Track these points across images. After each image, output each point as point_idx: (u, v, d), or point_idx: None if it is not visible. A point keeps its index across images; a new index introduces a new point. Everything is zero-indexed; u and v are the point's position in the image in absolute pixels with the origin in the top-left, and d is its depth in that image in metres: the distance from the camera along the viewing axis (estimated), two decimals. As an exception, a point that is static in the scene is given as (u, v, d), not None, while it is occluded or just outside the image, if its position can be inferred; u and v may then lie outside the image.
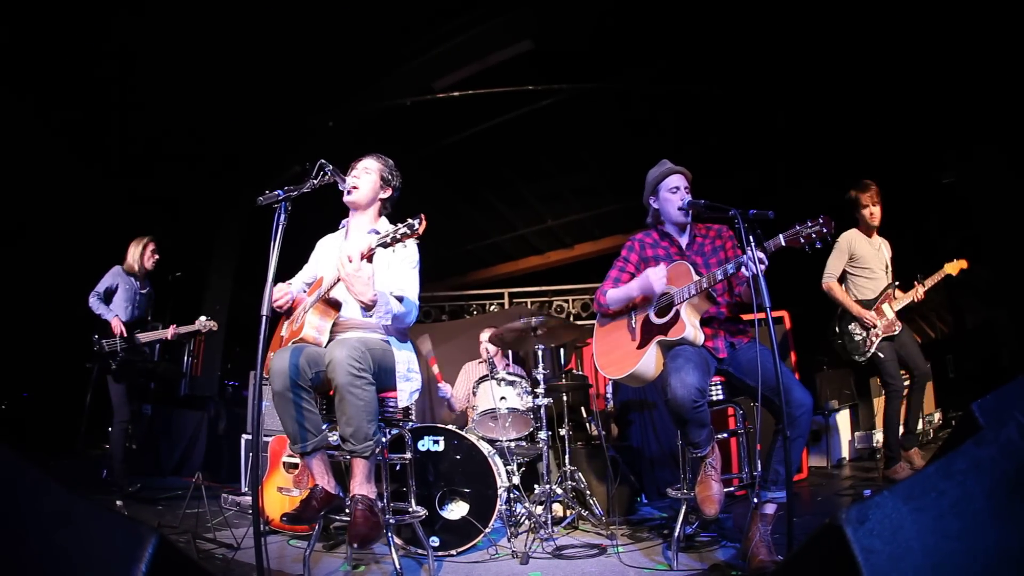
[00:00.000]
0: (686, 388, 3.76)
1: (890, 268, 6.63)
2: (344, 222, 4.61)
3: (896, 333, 6.41)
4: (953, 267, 6.54)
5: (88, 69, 8.38)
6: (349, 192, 4.31)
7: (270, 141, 10.39)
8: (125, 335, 7.18)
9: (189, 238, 11.01)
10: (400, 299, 4.10)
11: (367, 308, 3.82)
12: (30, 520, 1.88)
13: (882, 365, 6.41)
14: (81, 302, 7.31)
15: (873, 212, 6.59)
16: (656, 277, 4.25)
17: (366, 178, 4.40)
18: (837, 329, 6.67)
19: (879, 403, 8.56)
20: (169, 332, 7.24)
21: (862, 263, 6.61)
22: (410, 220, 3.55)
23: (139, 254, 7.55)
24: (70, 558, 1.84)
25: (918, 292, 6.46)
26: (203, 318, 7.17)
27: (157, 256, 7.68)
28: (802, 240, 3.67)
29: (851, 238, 6.65)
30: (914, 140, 9.20)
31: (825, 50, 8.35)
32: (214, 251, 11.55)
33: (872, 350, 6.42)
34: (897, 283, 6.55)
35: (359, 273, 3.69)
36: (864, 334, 6.47)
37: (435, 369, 7.73)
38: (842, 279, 6.74)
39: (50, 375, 9.46)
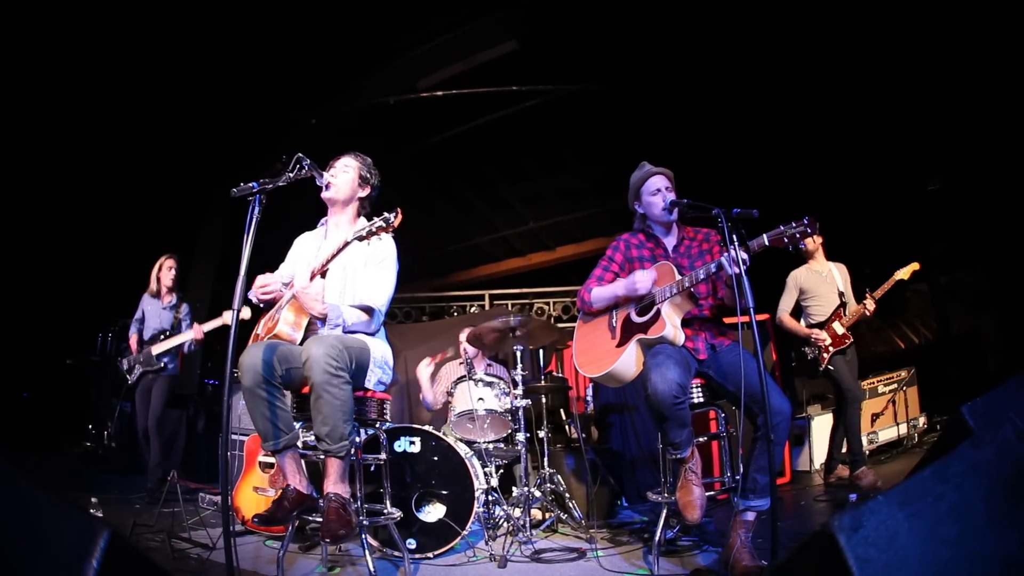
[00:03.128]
0: (667, 383, 3.74)
1: (844, 290, 6.91)
2: (323, 220, 4.57)
3: (846, 347, 6.71)
4: (904, 272, 6.77)
5: (72, 62, 8.29)
6: (327, 188, 4.26)
7: (253, 138, 10.31)
8: (136, 349, 7.49)
9: (171, 234, 10.93)
10: (366, 308, 4.13)
11: (319, 320, 3.99)
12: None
13: (838, 376, 6.69)
14: (61, 295, 7.28)
15: (814, 240, 6.95)
16: (643, 279, 4.22)
17: (344, 176, 4.36)
18: (793, 353, 6.95)
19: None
20: (193, 333, 7.41)
21: (810, 294, 6.97)
22: (386, 214, 3.60)
23: (156, 273, 7.71)
24: (26, 548, 1.81)
25: (868, 306, 6.70)
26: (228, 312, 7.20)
27: (174, 271, 7.77)
28: (786, 240, 3.66)
29: (797, 276, 7.04)
30: (899, 146, 9.22)
31: (810, 55, 8.35)
32: (196, 247, 11.44)
33: (825, 366, 6.72)
34: (843, 303, 6.79)
35: (308, 290, 3.90)
36: (815, 352, 6.74)
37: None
38: (798, 312, 7.08)
39: (40, 374, 9.39)
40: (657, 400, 3.77)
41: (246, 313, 6.92)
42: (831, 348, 6.65)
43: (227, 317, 6.97)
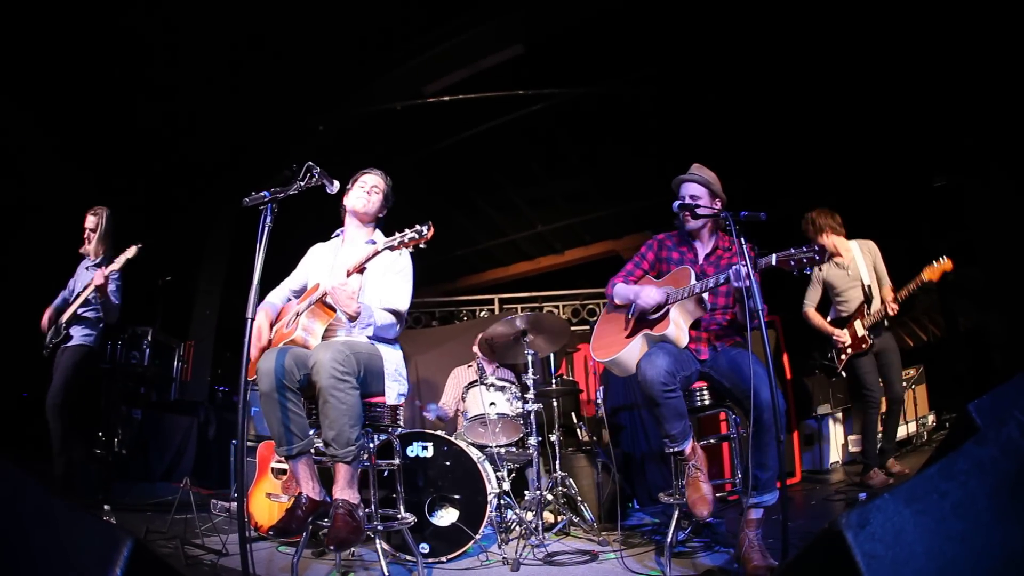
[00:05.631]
0: (655, 368, 3.84)
1: (870, 273, 6.61)
2: (338, 232, 4.67)
3: (865, 351, 6.49)
4: (934, 272, 6.17)
5: (81, 74, 8.34)
6: (360, 203, 4.51)
7: (261, 145, 10.36)
8: (51, 320, 6.59)
9: (179, 242, 10.97)
10: (394, 311, 4.25)
11: (351, 319, 4.00)
12: (10, 521, 1.88)
13: (860, 377, 6.55)
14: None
15: (833, 230, 6.71)
16: (649, 297, 4.32)
17: (375, 197, 4.57)
18: (815, 353, 6.81)
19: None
20: (95, 280, 6.13)
21: (836, 290, 6.77)
22: (418, 226, 3.64)
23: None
24: (47, 560, 1.84)
25: (891, 304, 6.42)
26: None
27: (91, 230, 6.68)
28: (792, 263, 3.72)
29: (825, 268, 6.79)
30: (906, 143, 9.21)
31: (818, 54, 8.35)
32: (204, 255, 11.49)
33: (840, 368, 6.61)
34: (868, 299, 6.55)
35: (344, 287, 3.87)
36: (833, 353, 6.55)
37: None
38: (828, 305, 6.90)
39: (49, 380, 9.45)
40: (646, 384, 3.88)
41: (132, 251, 6.08)
42: (849, 351, 6.51)
43: (130, 251, 6.14)
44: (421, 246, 3.78)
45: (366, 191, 4.53)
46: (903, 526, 1.54)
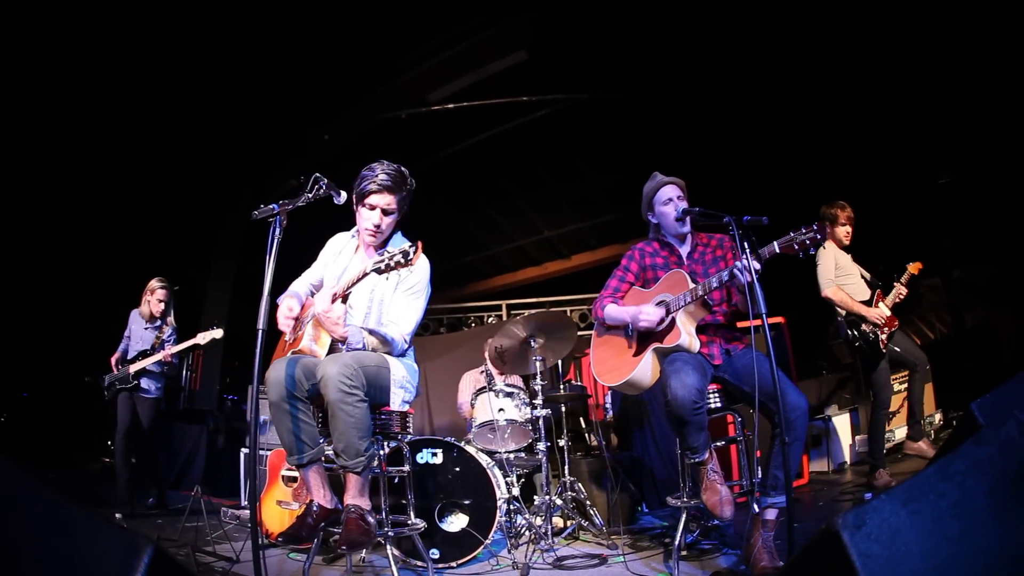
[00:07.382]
0: (686, 389, 3.76)
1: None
2: (356, 230, 4.50)
3: (895, 329, 6.51)
4: (913, 267, 6.70)
5: (88, 84, 8.40)
6: (374, 235, 4.21)
7: (267, 155, 10.40)
8: (117, 368, 7.46)
9: (187, 252, 11.02)
10: (387, 339, 4.11)
11: (340, 341, 4.02)
12: (28, 529, 1.88)
13: (877, 376, 6.50)
14: (81, 313, 7.39)
15: (848, 231, 6.73)
16: (648, 316, 4.27)
17: (387, 220, 4.22)
18: (852, 333, 6.61)
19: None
20: (160, 356, 7.31)
21: (845, 271, 6.68)
22: (406, 247, 3.59)
23: (146, 295, 7.67)
24: (67, 568, 1.84)
25: (900, 290, 6.57)
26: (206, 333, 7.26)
27: (163, 303, 7.65)
28: (796, 246, 3.67)
29: (831, 248, 6.72)
30: (911, 140, 9.21)
31: (820, 53, 8.37)
32: (212, 264, 11.54)
33: (887, 345, 6.46)
34: (880, 283, 6.62)
35: (329, 313, 3.90)
36: (875, 332, 6.48)
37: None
38: None
39: (51, 387, 9.50)
40: (677, 405, 3.78)
41: (218, 333, 7.09)
42: (886, 329, 6.44)
43: (199, 338, 7.23)
44: (408, 269, 3.76)
45: (375, 221, 4.17)
46: (899, 526, 1.55)
